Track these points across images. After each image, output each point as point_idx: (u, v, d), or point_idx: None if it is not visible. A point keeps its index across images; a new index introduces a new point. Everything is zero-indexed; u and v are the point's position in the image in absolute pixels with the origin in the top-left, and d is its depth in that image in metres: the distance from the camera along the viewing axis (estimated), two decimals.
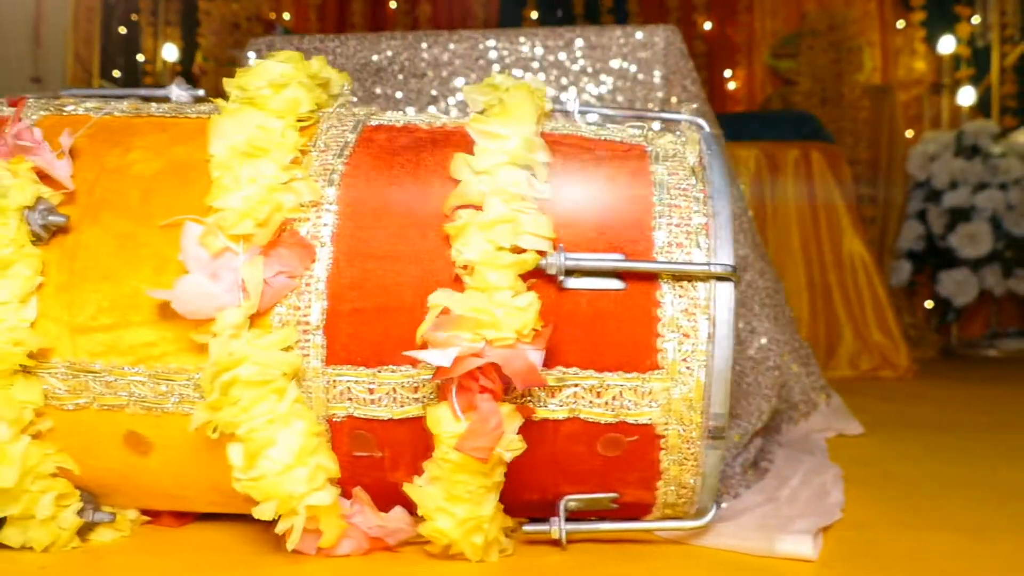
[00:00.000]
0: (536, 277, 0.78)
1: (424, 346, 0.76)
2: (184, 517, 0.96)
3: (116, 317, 0.81)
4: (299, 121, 0.87)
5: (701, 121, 0.94)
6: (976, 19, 4.28)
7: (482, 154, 0.81)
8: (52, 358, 0.82)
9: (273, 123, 0.84)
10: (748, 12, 4.55)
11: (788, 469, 1.16)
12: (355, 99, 0.94)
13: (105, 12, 4.22)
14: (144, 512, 0.94)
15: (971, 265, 3.51)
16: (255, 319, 0.79)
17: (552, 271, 0.77)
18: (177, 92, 1.00)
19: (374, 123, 0.92)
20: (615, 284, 0.79)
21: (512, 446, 0.74)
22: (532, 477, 0.84)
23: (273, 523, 0.81)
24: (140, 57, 4.48)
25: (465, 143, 0.87)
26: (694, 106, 0.92)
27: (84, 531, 0.88)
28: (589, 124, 0.94)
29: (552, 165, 0.84)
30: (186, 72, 4.32)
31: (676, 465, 0.83)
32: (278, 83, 0.87)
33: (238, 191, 0.79)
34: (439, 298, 0.74)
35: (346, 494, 0.84)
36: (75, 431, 0.83)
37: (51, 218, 0.80)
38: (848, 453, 1.37)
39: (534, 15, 4.75)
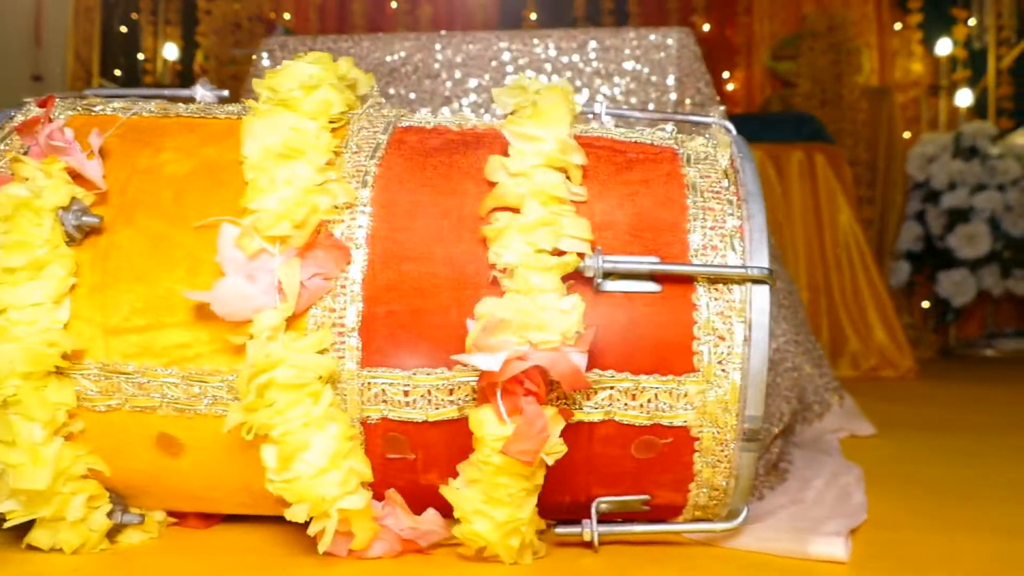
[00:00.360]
0: (572, 279, 0.78)
1: (460, 349, 0.76)
2: (210, 519, 0.96)
3: (149, 318, 0.81)
4: (330, 122, 0.87)
5: (728, 124, 0.95)
6: (972, 21, 4.31)
7: (518, 156, 0.81)
8: (85, 359, 0.81)
9: (307, 124, 0.83)
10: (747, 14, 4.56)
11: (809, 470, 1.17)
12: (383, 100, 0.94)
13: (105, 11, 4.20)
14: (170, 513, 0.94)
15: (970, 266, 3.53)
16: (291, 321, 0.78)
17: (590, 273, 0.77)
18: (202, 92, 1.00)
19: (404, 124, 0.92)
20: (651, 287, 0.79)
21: (554, 449, 0.74)
22: (565, 479, 0.84)
23: (303, 525, 0.81)
24: (140, 56, 4.46)
25: (497, 145, 0.87)
26: (722, 108, 0.91)
27: (112, 533, 0.88)
28: (616, 127, 0.95)
29: (584, 167, 0.84)
30: (186, 71, 4.31)
31: (709, 467, 0.83)
32: (309, 84, 0.87)
33: (274, 192, 0.79)
34: (486, 306, 0.74)
35: (378, 496, 0.84)
36: (106, 432, 0.83)
37: (85, 218, 0.80)
38: (862, 454, 1.37)
39: (533, 16, 4.75)
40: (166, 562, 0.83)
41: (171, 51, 4.20)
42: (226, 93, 1.02)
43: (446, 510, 0.85)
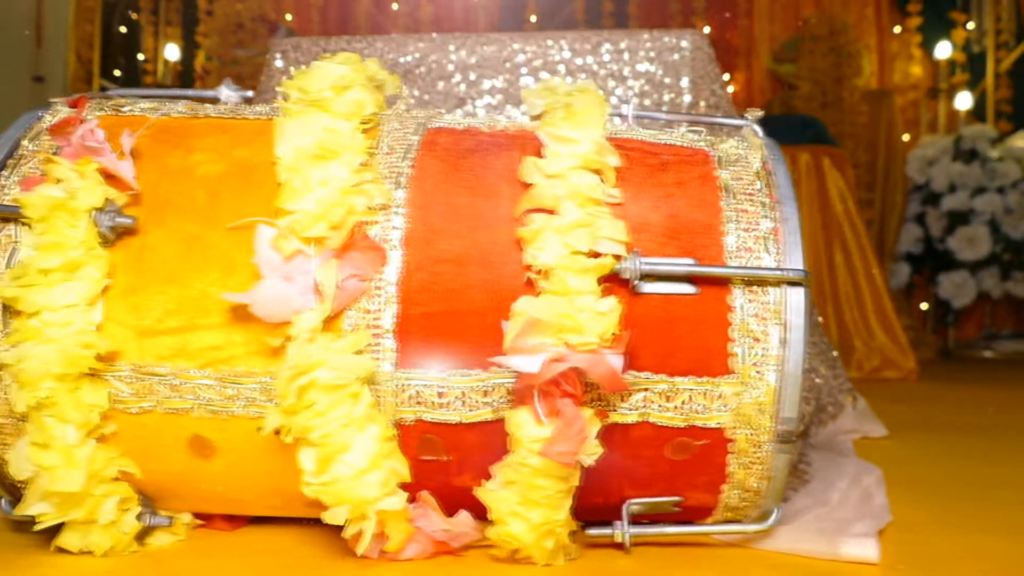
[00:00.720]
0: (608, 281, 0.78)
1: (496, 350, 0.76)
2: (236, 521, 0.95)
3: (183, 320, 0.81)
4: (361, 123, 0.87)
5: (757, 127, 0.95)
6: (971, 25, 4.33)
7: (554, 158, 0.81)
8: (117, 361, 0.81)
9: (340, 125, 0.83)
10: (747, 16, 4.57)
11: (829, 472, 1.17)
12: (412, 101, 0.94)
13: (105, 11, 4.19)
14: (196, 515, 0.94)
15: (970, 268, 3.55)
16: (327, 323, 0.78)
17: (627, 275, 0.77)
18: (227, 93, 1.00)
19: (436, 126, 0.91)
20: (687, 289, 0.79)
21: (591, 450, 0.74)
22: (598, 481, 0.83)
23: (330, 526, 0.81)
24: (140, 56, 4.45)
25: (530, 147, 0.87)
26: (760, 113, 0.92)
27: (141, 535, 0.87)
28: (645, 129, 0.95)
29: (619, 169, 0.84)
30: (187, 71, 4.30)
31: (743, 469, 0.83)
32: (340, 85, 0.87)
33: (310, 194, 0.78)
34: (523, 306, 0.74)
35: (410, 498, 0.84)
36: (138, 435, 0.83)
37: (119, 219, 0.80)
38: (875, 456, 1.37)
39: (533, 19, 4.76)
40: (198, 564, 0.83)
41: (172, 51, 4.18)
42: (250, 94, 1.02)
43: (478, 512, 0.85)
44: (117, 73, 4.46)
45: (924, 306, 3.90)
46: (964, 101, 3.96)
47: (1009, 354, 3.70)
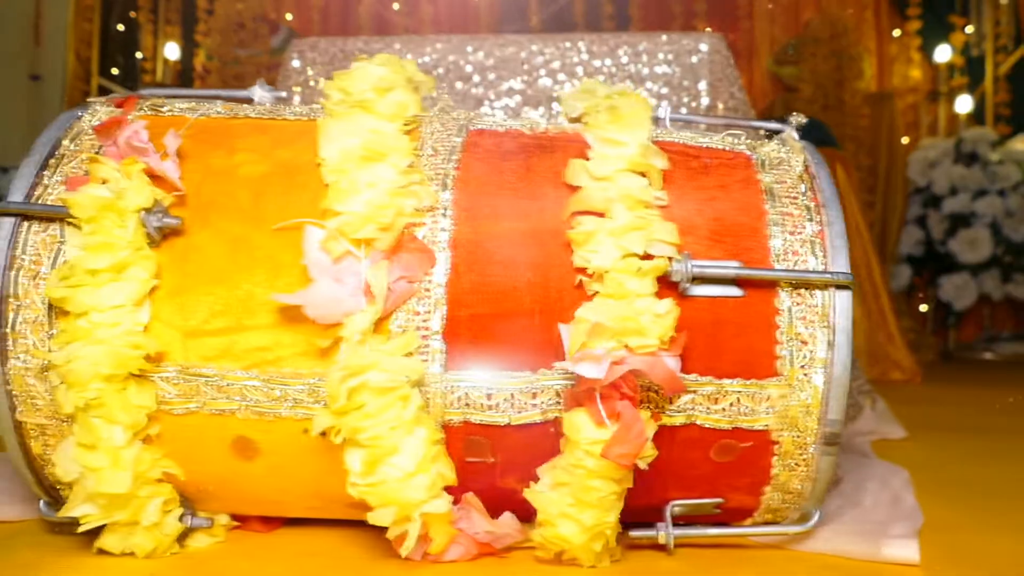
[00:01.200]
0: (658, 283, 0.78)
1: (545, 352, 0.76)
2: (272, 522, 0.95)
3: (230, 321, 0.80)
4: (404, 125, 0.87)
5: (791, 130, 0.95)
6: (970, 29, 4.36)
7: (601, 160, 0.81)
8: (163, 362, 0.81)
9: (385, 127, 0.83)
10: (748, 19, 4.59)
11: (857, 474, 1.18)
12: (452, 103, 0.94)
13: (104, 9, 4.17)
14: (232, 517, 0.93)
15: (971, 270, 3.57)
16: (376, 325, 0.78)
17: (677, 278, 0.77)
18: (260, 93, 0.99)
19: (477, 127, 0.92)
20: (734, 291, 0.80)
21: (647, 452, 0.74)
22: (641, 482, 0.83)
23: (370, 527, 0.80)
24: (139, 55, 4.43)
25: (573, 148, 0.87)
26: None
27: (181, 537, 0.87)
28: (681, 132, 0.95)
29: (662, 172, 0.84)
30: (186, 71, 4.28)
31: (787, 471, 0.83)
32: (382, 87, 0.87)
33: (358, 195, 0.78)
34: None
35: (454, 499, 0.84)
36: (182, 436, 0.82)
37: (166, 220, 0.80)
38: (893, 457, 1.38)
39: (533, 20, 4.76)
40: (241, 566, 0.83)
41: (172, 50, 4.17)
42: (284, 94, 1.01)
43: (521, 514, 0.85)
44: (115, 72, 4.44)
45: (923, 308, 3.92)
46: (964, 104, 3.98)
47: (1009, 356, 3.72)
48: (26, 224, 0.82)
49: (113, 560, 0.83)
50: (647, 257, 0.77)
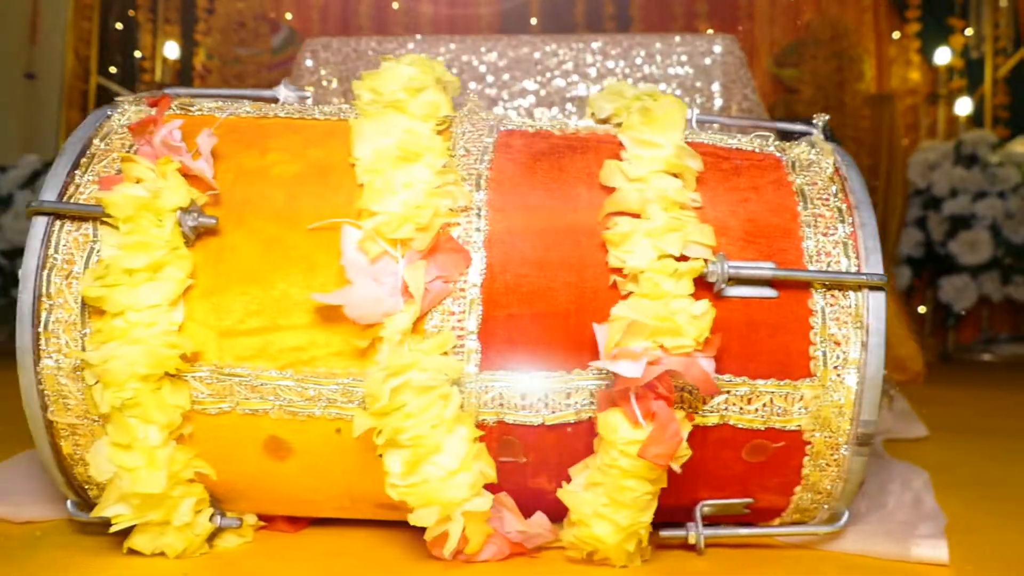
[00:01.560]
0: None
1: (580, 352, 0.76)
2: (298, 522, 0.95)
3: (265, 321, 0.80)
4: (436, 125, 0.87)
5: (815, 132, 0.96)
6: (969, 31, 4.38)
7: (636, 161, 0.81)
8: (197, 362, 0.81)
9: (420, 127, 0.83)
10: (749, 20, 4.60)
11: (878, 475, 1.18)
12: (482, 103, 0.94)
13: (103, 8, 4.15)
14: (259, 517, 0.93)
15: (971, 271, 3.58)
16: (413, 325, 0.78)
17: (713, 279, 0.77)
18: (285, 93, 0.99)
19: (508, 128, 0.92)
20: (768, 292, 0.80)
21: (682, 453, 0.74)
22: (672, 482, 0.84)
23: (400, 527, 0.80)
24: (137, 54, 4.42)
25: (604, 149, 0.87)
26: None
27: (210, 537, 0.87)
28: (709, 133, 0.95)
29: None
30: (185, 70, 4.27)
31: (818, 471, 0.84)
32: (413, 87, 0.87)
33: (394, 195, 0.78)
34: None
35: None
36: (215, 436, 0.82)
37: (202, 220, 0.79)
38: (907, 457, 1.39)
39: (534, 21, 4.77)
40: (274, 567, 0.83)
41: (171, 49, 4.16)
42: (308, 94, 1.01)
43: (552, 513, 0.85)
44: (113, 70, 4.43)
45: (922, 309, 3.94)
46: (964, 106, 4.00)
47: (1008, 357, 3.74)
48: (58, 223, 0.82)
49: (144, 560, 0.83)
50: (683, 258, 0.77)
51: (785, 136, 0.98)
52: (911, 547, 0.87)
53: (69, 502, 0.89)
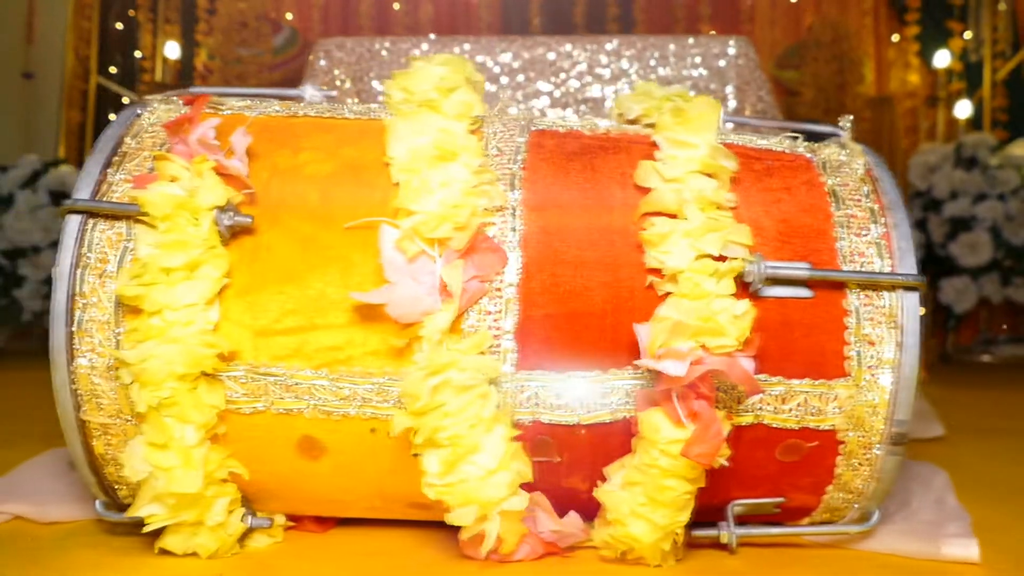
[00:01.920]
0: None
1: (616, 351, 0.76)
2: (326, 523, 0.95)
3: (301, 320, 0.80)
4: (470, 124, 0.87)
5: (843, 133, 0.96)
6: (968, 34, 4.40)
7: (672, 162, 0.81)
8: (232, 361, 0.80)
9: (455, 126, 0.83)
10: (750, 22, 4.62)
11: (900, 475, 1.18)
12: (512, 103, 0.94)
13: (103, 8, 4.14)
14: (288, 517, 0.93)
15: (971, 273, 3.60)
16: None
17: (751, 279, 0.78)
18: (311, 92, 0.99)
19: (538, 128, 0.92)
20: (804, 292, 0.80)
21: (723, 452, 0.74)
22: (706, 481, 0.84)
23: (431, 526, 0.80)
24: (138, 54, 4.40)
25: (636, 149, 0.88)
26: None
27: (241, 537, 0.87)
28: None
29: None
30: (186, 70, 4.26)
31: (850, 470, 0.84)
32: (446, 87, 0.87)
33: (431, 194, 0.78)
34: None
35: None
36: (248, 435, 0.82)
37: (238, 219, 0.79)
38: (919, 457, 1.39)
39: (536, 21, 4.77)
40: (307, 567, 0.82)
41: (172, 49, 4.14)
42: (334, 93, 1.01)
43: (583, 513, 0.85)
44: (113, 70, 4.41)
45: (921, 311, 3.95)
46: (964, 109, 4.02)
47: (1007, 358, 3.76)
48: (91, 221, 0.82)
49: (176, 560, 0.83)
50: (720, 258, 0.77)
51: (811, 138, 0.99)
52: (941, 546, 0.87)
53: (98, 502, 0.89)
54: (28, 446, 1.25)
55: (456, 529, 0.82)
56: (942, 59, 4.21)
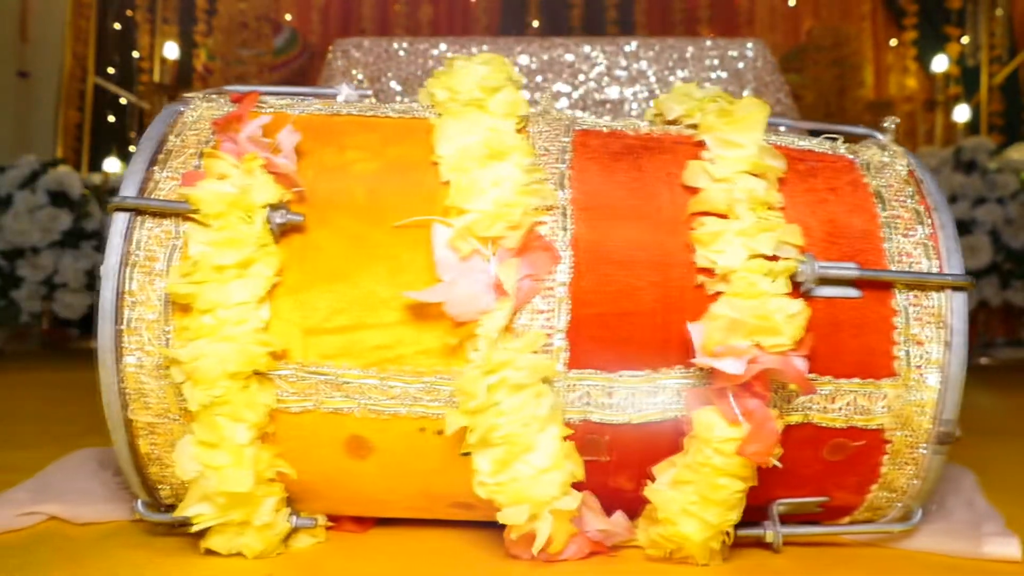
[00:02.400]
0: None
1: (666, 350, 0.77)
2: (364, 522, 0.94)
3: (351, 319, 0.80)
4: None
5: (880, 135, 0.97)
6: (966, 39, 4.44)
7: (720, 162, 0.82)
8: (281, 360, 0.80)
9: (504, 125, 0.84)
10: (749, 25, 4.64)
11: None
12: (554, 103, 0.95)
13: (101, 8, 4.12)
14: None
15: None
16: None
17: (803, 279, 0.78)
18: (347, 91, 0.99)
19: (581, 127, 0.92)
20: (852, 292, 0.81)
21: (776, 451, 0.75)
22: None
23: (471, 526, 0.79)
24: (135, 54, 4.38)
25: (680, 150, 0.88)
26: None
27: (284, 538, 0.86)
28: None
29: None
30: (184, 70, 4.24)
31: (896, 470, 0.84)
32: (489, 86, 0.87)
33: (483, 193, 0.78)
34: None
35: None
36: (296, 435, 0.82)
37: (289, 217, 0.79)
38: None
39: (535, 23, 4.78)
40: (361, 567, 0.82)
41: (171, 50, 4.12)
42: (369, 92, 1.01)
43: (628, 512, 0.85)
44: (111, 71, 4.39)
45: None
46: (962, 113, 4.05)
47: (1006, 361, 3.78)
48: (138, 219, 0.82)
49: (222, 560, 0.82)
50: (771, 258, 0.78)
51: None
52: (982, 544, 0.87)
53: (139, 502, 0.88)
54: (35, 448, 1.25)
55: (497, 529, 0.82)
56: (940, 64, 4.25)
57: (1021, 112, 4.26)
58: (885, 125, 0.93)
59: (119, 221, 0.81)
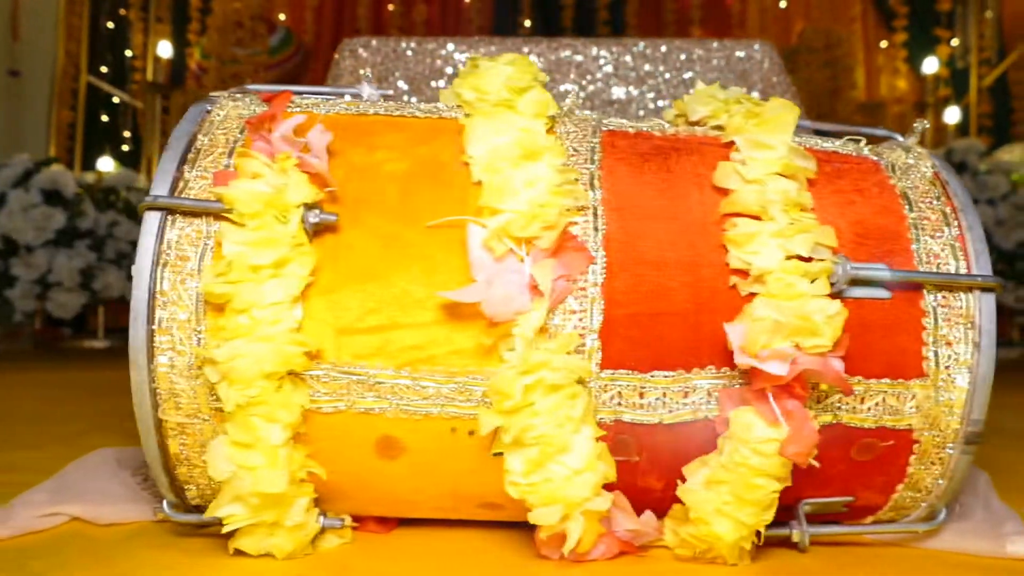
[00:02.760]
0: None
1: (698, 351, 0.77)
2: (387, 523, 0.94)
3: (384, 319, 0.80)
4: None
5: (899, 138, 0.97)
6: (955, 42, 4.48)
7: (752, 163, 0.82)
8: (315, 360, 0.80)
9: (535, 125, 0.84)
10: (740, 27, 4.66)
11: None
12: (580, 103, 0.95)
13: (93, 6, 4.09)
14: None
15: None
16: None
17: (835, 280, 0.79)
18: (369, 91, 0.99)
19: (608, 128, 0.92)
20: (882, 293, 0.81)
21: (813, 451, 0.75)
22: None
23: (499, 527, 0.79)
24: (128, 53, 4.35)
25: (708, 151, 0.88)
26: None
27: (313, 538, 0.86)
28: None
29: None
30: (177, 69, 4.22)
31: (922, 469, 0.85)
32: (518, 87, 0.87)
33: (517, 194, 0.79)
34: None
35: None
36: (327, 435, 0.82)
37: (323, 216, 0.79)
38: None
39: (527, 23, 4.78)
40: (389, 568, 0.82)
41: (165, 49, 4.10)
42: (391, 92, 1.01)
43: (655, 512, 0.86)
44: (104, 69, 4.36)
45: None
46: (953, 115, 4.09)
47: (997, 360, 3.82)
48: (170, 219, 0.81)
49: (252, 561, 0.82)
50: (806, 259, 0.78)
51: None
52: (1005, 544, 0.88)
53: (165, 503, 0.87)
54: (35, 448, 1.24)
55: (521, 528, 0.82)
56: (930, 66, 4.29)
57: (1010, 114, 4.30)
58: (915, 127, 0.93)
59: (151, 221, 0.80)
